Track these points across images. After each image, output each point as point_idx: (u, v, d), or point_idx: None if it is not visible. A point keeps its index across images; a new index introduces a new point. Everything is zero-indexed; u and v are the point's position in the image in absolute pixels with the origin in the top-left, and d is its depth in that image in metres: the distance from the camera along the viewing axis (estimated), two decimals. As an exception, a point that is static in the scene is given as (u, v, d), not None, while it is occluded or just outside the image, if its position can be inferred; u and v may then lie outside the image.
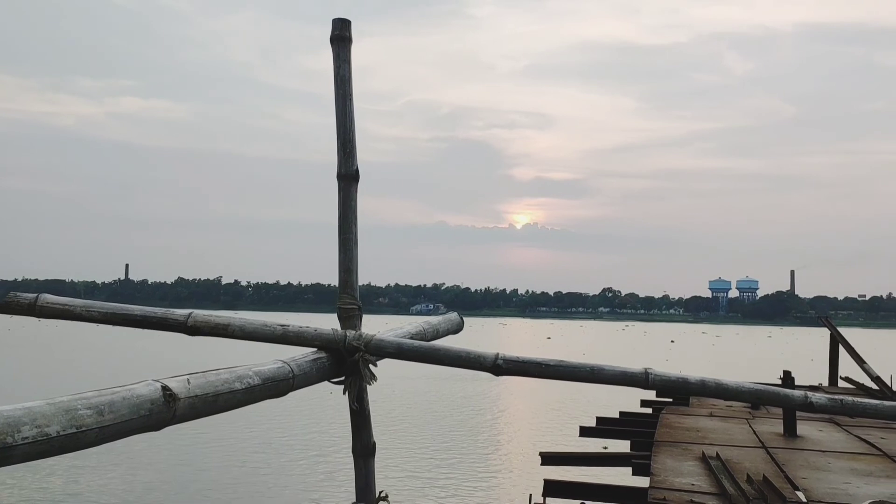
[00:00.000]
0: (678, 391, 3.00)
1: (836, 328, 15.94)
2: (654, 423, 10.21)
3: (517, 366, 3.06)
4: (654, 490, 6.28)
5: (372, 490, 3.40)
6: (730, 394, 2.88)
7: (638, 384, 3.01)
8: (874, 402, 2.99)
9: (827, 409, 2.86)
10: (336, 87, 3.61)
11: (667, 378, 2.98)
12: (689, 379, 2.96)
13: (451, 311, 4.17)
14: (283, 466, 17.54)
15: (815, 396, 2.79)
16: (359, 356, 3.16)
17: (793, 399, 2.88)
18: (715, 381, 2.91)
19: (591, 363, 3.05)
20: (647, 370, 2.99)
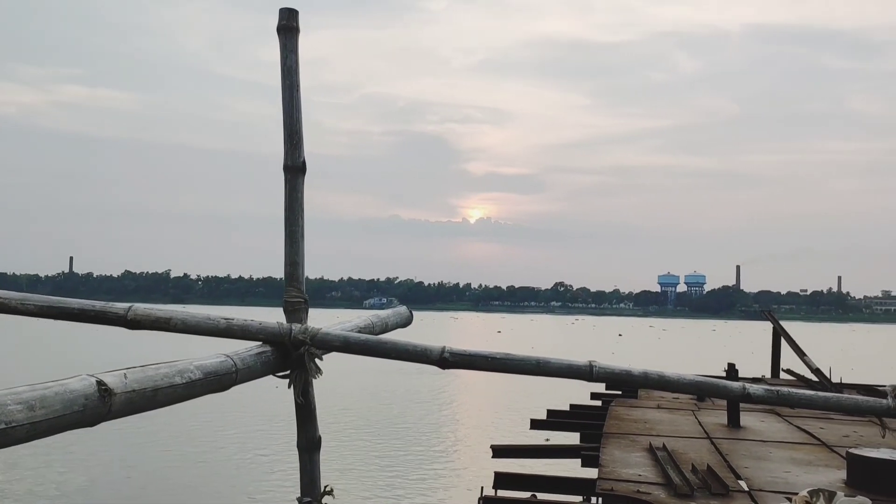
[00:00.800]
0: (622, 383, 3.04)
1: (778, 322, 16.36)
2: (603, 415, 10.35)
3: (464, 359, 3.06)
4: (602, 481, 6.37)
5: (317, 484, 3.37)
6: (672, 386, 2.93)
7: (583, 377, 3.04)
8: (809, 393, 3.08)
9: (764, 399, 2.93)
10: (283, 78, 3.55)
11: (611, 370, 3.02)
12: (632, 371, 3.01)
13: (403, 305, 4.16)
14: (227, 462, 17.30)
15: (752, 388, 2.86)
16: (304, 350, 3.12)
17: (732, 390, 2.94)
18: (658, 373, 2.95)
19: (537, 356, 3.07)
20: (591, 363, 3.02)
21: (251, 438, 19.90)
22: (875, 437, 9.26)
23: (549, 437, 10.95)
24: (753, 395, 2.86)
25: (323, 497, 3.34)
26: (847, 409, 3.09)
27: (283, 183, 3.54)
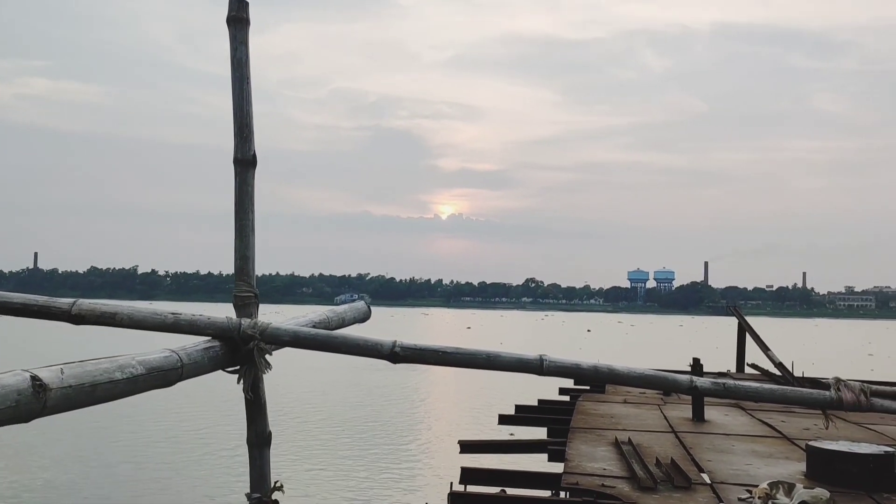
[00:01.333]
0: (572, 377, 3.04)
1: (743, 317, 16.58)
2: (571, 410, 10.40)
3: (415, 353, 3.05)
4: (568, 475, 6.38)
5: (267, 480, 3.34)
6: (621, 379, 2.94)
7: (533, 370, 3.04)
8: (755, 385, 3.11)
9: (711, 392, 2.95)
10: (233, 70, 3.51)
11: (561, 364, 3.02)
12: (582, 365, 3.01)
13: (361, 300, 4.11)
14: (175, 458, 17.07)
15: (699, 381, 2.87)
16: (254, 345, 3.08)
17: (679, 383, 2.96)
18: (607, 366, 2.96)
19: (488, 350, 3.06)
20: (541, 356, 3.02)
21: (202, 434, 19.68)
22: (835, 429, 9.43)
23: (515, 432, 10.97)
24: (700, 388, 2.88)
25: (273, 493, 3.31)
26: (792, 401, 3.12)
27: (234, 176, 3.49)
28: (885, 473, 6.08)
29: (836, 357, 51.43)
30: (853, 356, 54.39)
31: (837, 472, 6.14)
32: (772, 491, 5.52)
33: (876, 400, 2.93)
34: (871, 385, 2.87)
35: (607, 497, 5.64)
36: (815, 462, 6.41)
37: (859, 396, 2.89)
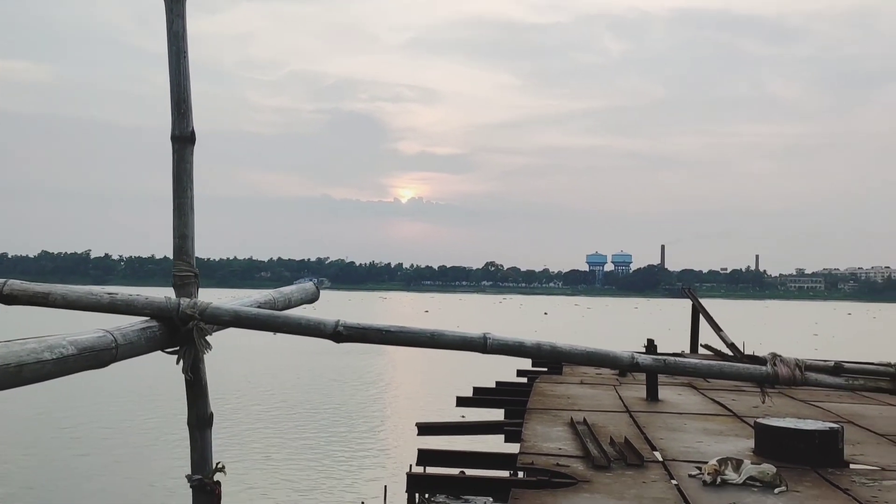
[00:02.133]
0: (515, 354, 3.03)
1: (697, 299, 16.83)
2: (528, 391, 10.49)
3: (358, 332, 3.02)
4: (524, 455, 6.43)
5: (208, 462, 3.30)
6: (564, 356, 2.95)
7: (477, 349, 3.03)
8: (694, 361, 3.16)
9: (652, 368, 2.98)
10: (169, 44, 3.41)
11: (504, 342, 3.02)
12: (525, 342, 3.01)
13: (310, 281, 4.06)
14: (113, 442, 16.78)
15: (640, 357, 2.90)
16: (193, 325, 3.03)
17: (621, 359, 2.98)
18: (550, 344, 2.97)
19: (432, 329, 3.05)
20: (485, 335, 3.01)
21: (142, 416, 19.40)
22: (784, 406, 9.67)
23: (474, 413, 11.02)
24: (642, 365, 2.91)
25: (214, 474, 3.27)
26: (729, 376, 3.18)
27: (171, 153, 3.41)
28: (830, 449, 6.25)
29: (783, 337, 52.81)
30: (799, 336, 55.94)
31: (784, 448, 6.29)
32: (721, 467, 5.63)
33: (810, 374, 2.99)
34: (806, 361, 2.94)
35: (562, 476, 5.69)
36: (763, 439, 6.56)
37: (794, 371, 2.94)
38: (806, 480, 5.71)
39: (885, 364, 2.94)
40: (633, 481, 5.60)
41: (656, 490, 5.37)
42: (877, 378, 2.97)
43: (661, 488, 5.44)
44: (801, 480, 5.68)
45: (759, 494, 5.27)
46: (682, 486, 5.51)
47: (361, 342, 3.07)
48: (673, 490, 5.41)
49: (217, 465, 3.29)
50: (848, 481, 5.72)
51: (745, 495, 5.24)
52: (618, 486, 5.42)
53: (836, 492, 5.44)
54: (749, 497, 5.19)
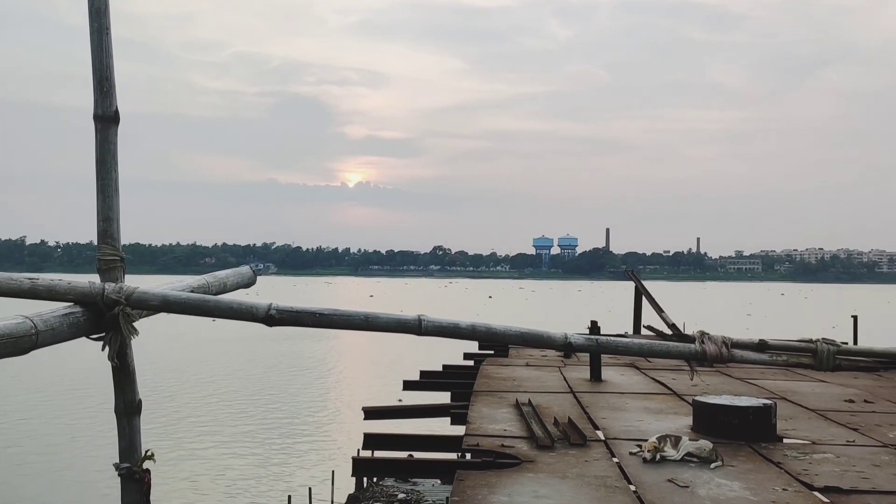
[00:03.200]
0: (450, 335, 3.06)
1: (640, 281, 17.15)
2: (475, 374, 10.58)
3: (291, 316, 3.01)
4: (469, 437, 6.50)
5: (136, 449, 3.26)
6: (498, 337, 3.00)
7: (412, 331, 3.05)
8: (625, 340, 3.25)
9: (584, 347, 3.06)
10: (91, 20, 3.32)
11: (439, 324, 3.04)
12: (460, 324, 3.04)
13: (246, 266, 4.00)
14: (37, 430, 16.35)
15: (574, 337, 2.97)
16: (119, 310, 2.97)
17: (554, 339, 3.04)
18: (485, 325, 3.01)
19: (366, 311, 3.05)
20: (420, 317, 3.03)
21: (68, 403, 18.94)
22: (721, 384, 9.97)
23: (421, 397, 11.07)
24: (575, 344, 2.98)
25: (143, 462, 3.24)
26: (659, 354, 3.27)
27: (94, 134, 3.31)
28: (764, 424, 6.48)
29: (718, 317, 54.35)
30: (734, 316, 57.68)
31: (720, 424, 6.50)
32: (660, 444, 5.79)
33: (736, 351, 3.10)
34: (733, 338, 3.05)
35: (506, 456, 5.77)
36: (700, 416, 6.76)
37: (721, 348, 3.05)
38: (741, 455, 5.91)
39: (806, 340, 3.07)
40: (575, 460, 5.71)
41: (598, 468, 5.50)
42: (799, 354, 3.10)
43: (603, 466, 5.57)
44: (736, 455, 5.88)
45: (696, 469, 5.44)
46: (622, 463, 5.65)
47: (295, 325, 3.06)
48: (614, 468, 5.54)
49: (146, 453, 3.26)
50: (780, 455, 5.95)
51: (683, 471, 5.40)
52: (561, 466, 5.53)
53: (769, 465, 5.65)
54: (686, 472, 5.36)
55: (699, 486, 5.05)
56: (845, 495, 4.90)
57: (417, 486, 13.04)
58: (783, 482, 5.19)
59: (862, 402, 8.63)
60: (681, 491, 4.95)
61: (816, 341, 3.00)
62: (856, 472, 5.49)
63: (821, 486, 5.08)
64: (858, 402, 8.56)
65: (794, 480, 5.22)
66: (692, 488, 4.99)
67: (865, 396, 9.01)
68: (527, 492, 4.87)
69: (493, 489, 4.89)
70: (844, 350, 3.00)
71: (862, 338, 16.11)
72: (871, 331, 16.33)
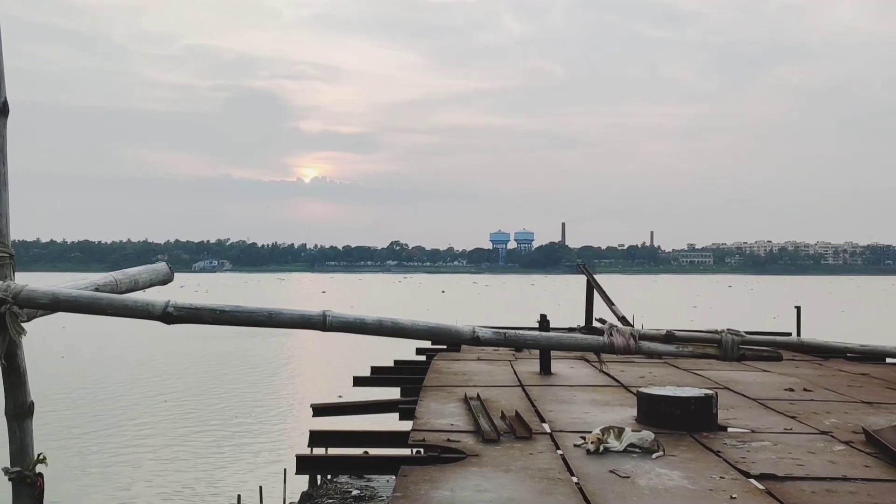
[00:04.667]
0: (356, 331, 3.02)
1: (591, 274, 17.35)
2: (426, 369, 10.57)
3: (190, 313, 2.95)
4: (415, 432, 6.49)
5: (28, 453, 3.18)
6: (406, 332, 2.98)
7: (316, 327, 3.01)
8: (535, 333, 3.27)
9: (493, 341, 3.06)
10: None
11: (344, 319, 3.01)
12: (366, 319, 3.01)
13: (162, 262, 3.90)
14: None
15: (482, 331, 2.96)
16: (6, 309, 2.89)
17: (462, 334, 3.03)
18: (392, 320, 2.98)
19: (270, 307, 3.00)
20: (325, 312, 2.99)
21: None
22: (668, 375, 10.14)
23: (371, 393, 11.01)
24: (482, 339, 2.97)
25: (35, 466, 3.16)
26: (568, 347, 3.30)
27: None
28: (705, 414, 6.61)
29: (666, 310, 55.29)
30: (681, 309, 58.73)
31: (663, 414, 6.60)
32: (603, 436, 5.86)
33: (644, 343, 3.14)
34: (641, 330, 3.09)
35: (452, 451, 5.78)
36: (644, 407, 6.86)
37: (629, 340, 3.09)
38: (682, 445, 6.01)
39: (712, 331, 3.12)
40: (520, 453, 5.74)
41: (542, 461, 5.54)
42: (704, 345, 3.15)
43: (547, 459, 5.61)
44: (677, 445, 5.98)
45: (638, 460, 5.52)
46: (566, 455, 5.70)
47: (194, 323, 3.00)
48: (558, 460, 5.58)
49: (38, 457, 3.18)
50: (720, 444, 6.07)
51: (625, 461, 5.47)
52: (505, 459, 5.55)
53: (709, 454, 5.76)
54: (628, 463, 5.43)
55: (640, 476, 5.12)
56: (780, 482, 5.01)
57: (372, 483, 12.98)
58: (721, 470, 5.29)
59: (801, 390, 8.86)
60: (621, 481, 5.01)
61: (721, 332, 3.05)
62: (791, 458, 5.63)
63: (757, 473, 5.20)
64: (798, 391, 8.78)
65: (732, 468, 5.33)
66: (633, 478, 5.06)
67: (805, 385, 9.25)
68: (469, 486, 4.87)
69: (435, 484, 4.88)
70: (748, 340, 3.06)
71: (804, 328, 16.55)
72: (811, 321, 16.72)
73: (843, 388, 9.16)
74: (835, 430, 6.65)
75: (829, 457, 5.70)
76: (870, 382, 9.66)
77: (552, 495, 4.72)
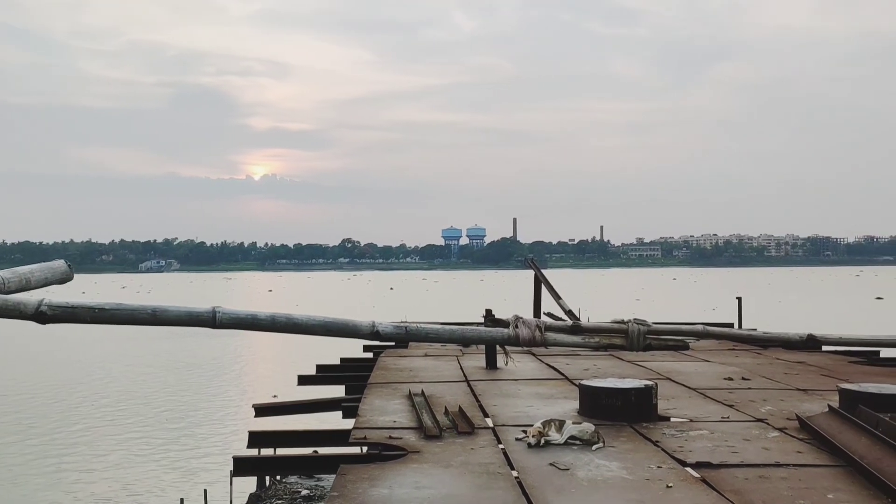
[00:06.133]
0: (248, 327, 2.94)
1: (539, 269, 17.46)
2: (373, 366, 10.47)
3: (66, 312, 2.83)
4: (357, 430, 6.40)
5: None
6: (300, 328, 2.92)
7: (205, 324, 2.91)
8: (436, 327, 3.25)
9: (392, 336, 3.03)
10: None
11: (235, 316, 2.92)
12: (258, 315, 2.93)
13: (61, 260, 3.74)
14: None
15: (382, 325, 2.93)
16: None
17: (361, 328, 2.98)
18: (286, 315, 2.92)
19: (154, 304, 2.88)
20: (215, 309, 2.89)
21: None
22: (611, 367, 10.23)
23: (316, 391, 10.83)
24: (383, 333, 2.94)
25: None
26: (472, 340, 3.28)
27: None
28: (645, 404, 6.67)
29: (611, 303, 56.05)
30: (625, 301, 59.60)
31: (604, 406, 6.64)
32: (545, 429, 5.86)
33: (549, 334, 3.14)
34: (548, 322, 3.08)
35: (393, 448, 5.71)
36: (585, 399, 6.89)
37: (535, 332, 3.09)
38: (622, 436, 6.05)
39: (618, 322, 3.12)
40: (461, 449, 5.71)
41: (483, 456, 5.51)
42: (611, 335, 3.15)
43: (488, 453, 5.58)
44: (617, 436, 6.02)
45: (578, 452, 5.54)
46: (508, 450, 5.68)
47: (71, 322, 2.87)
48: (499, 454, 5.56)
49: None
50: (659, 434, 6.13)
51: (565, 454, 5.48)
52: (446, 455, 5.51)
53: (648, 444, 5.81)
54: (568, 455, 5.44)
55: (579, 468, 5.13)
56: (715, 469, 5.08)
57: (322, 482, 12.82)
58: (659, 460, 5.34)
59: (740, 379, 9.02)
60: (561, 474, 5.02)
61: (628, 322, 3.05)
62: (727, 446, 5.71)
63: (693, 461, 5.26)
64: (737, 380, 8.94)
65: (669, 458, 5.38)
66: (572, 471, 5.07)
67: (744, 374, 9.43)
68: (408, 483, 4.82)
69: (374, 482, 4.81)
70: (654, 330, 3.08)
71: (744, 318, 16.92)
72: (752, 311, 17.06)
73: (780, 375, 9.37)
74: (770, 417, 6.79)
75: (764, 444, 5.80)
76: (806, 370, 9.91)
77: (491, 490, 4.70)
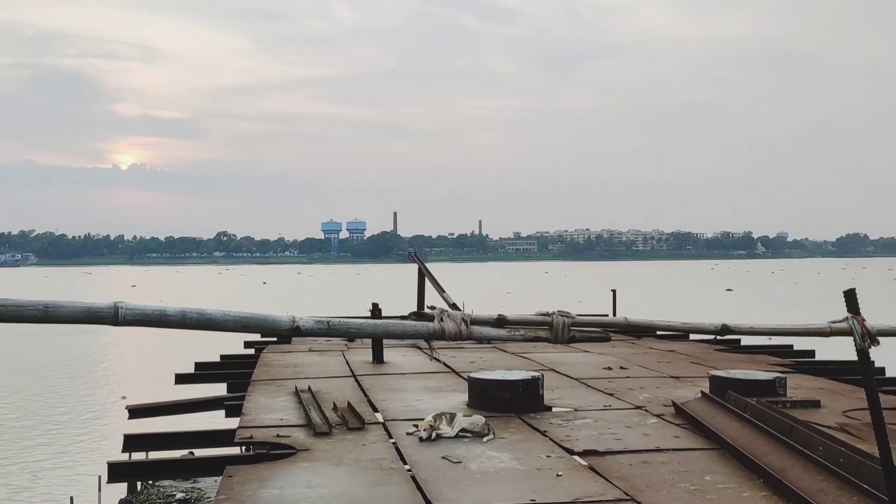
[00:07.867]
0: (155, 324, 2.77)
1: (422, 262, 17.52)
2: (255, 363, 10.17)
3: None
4: (242, 429, 6.19)
5: None
6: (214, 324, 2.78)
7: (105, 321, 2.69)
8: (360, 321, 3.20)
9: (314, 331, 2.95)
10: None
11: (141, 311, 2.72)
12: (167, 310, 2.76)
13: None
14: None
15: (302, 321, 2.84)
16: None
17: (280, 324, 2.90)
18: (197, 311, 2.76)
19: (46, 300, 2.61)
20: (116, 304, 2.69)
21: None
22: (497, 360, 10.41)
23: (196, 390, 10.38)
24: (303, 328, 2.85)
25: None
26: (396, 335, 3.26)
27: None
28: (533, 395, 6.82)
29: (485, 296, 57.29)
30: (496, 294, 61.06)
31: (493, 398, 6.74)
32: (436, 423, 5.88)
33: (475, 328, 3.15)
34: (472, 315, 3.10)
35: (281, 447, 5.56)
36: (474, 392, 6.97)
37: (460, 326, 3.09)
38: (511, 427, 6.16)
39: (544, 314, 3.18)
40: (353, 445, 5.63)
41: (374, 451, 5.46)
42: (536, 328, 3.21)
43: (380, 449, 5.53)
44: (507, 427, 6.13)
45: (469, 444, 5.59)
46: (399, 444, 5.66)
47: None
48: (391, 449, 5.53)
49: None
50: (546, 423, 6.28)
51: (457, 446, 5.51)
52: (337, 451, 5.42)
53: (536, 434, 5.94)
54: (460, 448, 5.47)
55: (471, 460, 5.18)
56: (601, 457, 5.26)
57: (199, 484, 12.34)
58: (548, 449, 5.47)
59: (618, 368, 9.41)
60: (454, 466, 5.04)
61: (552, 314, 3.11)
62: (610, 434, 5.93)
63: (580, 450, 5.42)
64: (615, 370, 9.32)
65: (558, 447, 5.53)
66: (464, 463, 5.10)
67: (621, 364, 9.84)
68: (299, 482, 4.70)
69: (263, 483, 4.66)
70: (578, 322, 3.14)
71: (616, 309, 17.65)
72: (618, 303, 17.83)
73: (654, 364, 9.85)
74: (648, 404, 7.11)
75: (644, 430, 6.06)
76: (677, 358, 10.46)
77: (385, 486, 4.65)
